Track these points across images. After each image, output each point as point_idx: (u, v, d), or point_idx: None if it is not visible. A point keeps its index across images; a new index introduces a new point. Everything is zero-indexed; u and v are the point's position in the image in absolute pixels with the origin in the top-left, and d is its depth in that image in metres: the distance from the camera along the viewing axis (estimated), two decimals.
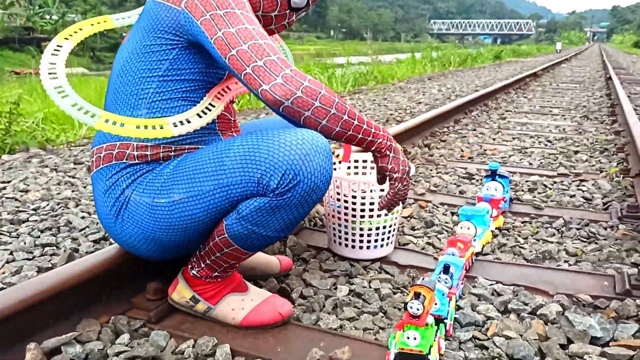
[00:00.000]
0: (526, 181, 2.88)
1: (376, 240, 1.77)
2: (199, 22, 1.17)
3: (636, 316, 1.44)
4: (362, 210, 1.72)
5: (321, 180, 1.19)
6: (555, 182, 2.88)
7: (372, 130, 1.29)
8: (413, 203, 2.46)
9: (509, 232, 2.13)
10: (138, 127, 1.18)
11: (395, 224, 1.80)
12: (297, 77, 1.15)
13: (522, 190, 2.73)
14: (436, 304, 1.34)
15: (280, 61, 1.15)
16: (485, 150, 3.71)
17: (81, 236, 1.93)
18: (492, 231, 2.10)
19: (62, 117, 4.47)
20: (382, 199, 1.41)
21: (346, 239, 1.78)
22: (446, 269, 1.49)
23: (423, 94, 7.21)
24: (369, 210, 1.71)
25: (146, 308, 1.38)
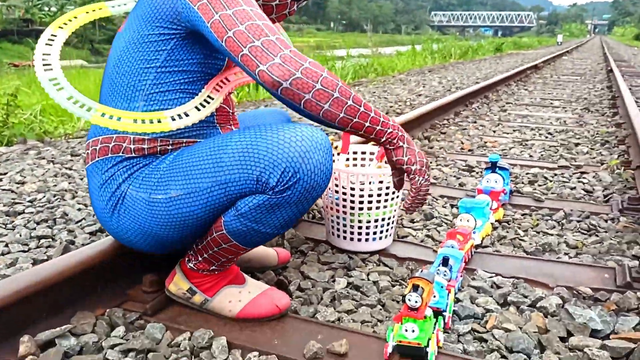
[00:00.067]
0: (526, 173, 2.86)
1: (375, 232, 1.75)
2: (196, 7, 1.13)
3: (637, 309, 1.43)
4: (361, 202, 1.70)
5: (321, 177, 1.17)
6: (555, 175, 2.86)
7: (381, 119, 1.20)
8: None
9: (509, 225, 2.11)
10: (135, 121, 1.15)
11: (394, 216, 1.78)
12: (297, 58, 1.10)
13: (523, 182, 2.72)
14: (435, 297, 1.33)
15: (279, 41, 1.11)
16: (485, 142, 3.69)
17: (77, 228, 1.91)
18: (492, 223, 2.08)
19: (61, 110, 4.44)
20: (406, 200, 1.30)
21: (344, 231, 1.76)
22: (445, 262, 1.48)
23: (423, 86, 7.18)
24: (368, 202, 1.70)
25: (142, 300, 1.37)
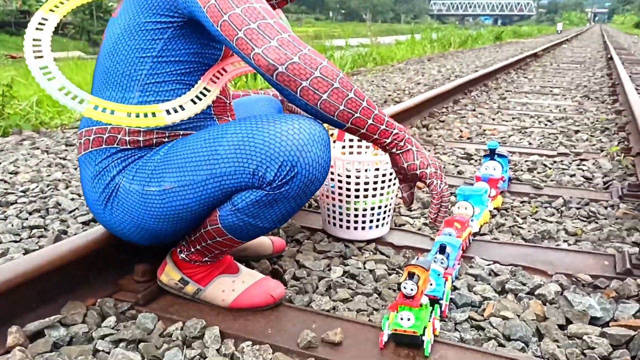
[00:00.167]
0: (525, 161, 2.84)
1: (371, 220, 1.73)
2: None
3: (637, 296, 1.41)
4: (357, 190, 1.67)
5: (319, 171, 1.13)
6: (555, 162, 2.84)
7: (386, 118, 1.13)
8: None
9: (508, 212, 2.09)
10: (129, 115, 1.12)
11: (390, 204, 1.76)
12: (295, 43, 1.05)
13: (522, 170, 2.69)
14: (431, 285, 1.30)
15: (277, 25, 1.06)
16: (484, 130, 3.66)
17: (70, 218, 1.89)
18: (490, 211, 2.06)
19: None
20: (430, 212, 1.22)
21: (341, 220, 1.74)
22: (442, 249, 1.45)
23: (422, 75, 7.13)
24: (364, 190, 1.67)
25: (134, 290, 1.35)
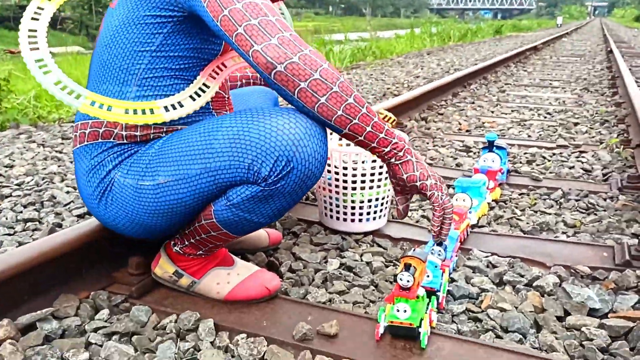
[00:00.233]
0: (524, 153, 2.82)
1: (368, 212, 1.72)
2: None
3: (636, 287, 1.40)
4: (354, 182, 1.66)
5: (316, 166, 1.10)
6: (554, 154, 2.82)
7: (385, 126, 1.11)
8: None
9: (506, 204, 2.07)
10: (126, 112, 1.10)
11: (388, 196, 1.74)
12: (296, 42, 1.03)
13: (520, 162, 2.67)
14: (428, 276, 1.29)
15: (278, 22, 1.04)
16: (483, 123, 3.64)
17: (65, 211, 1.87)
18: (489, 203, 2.05)
19: None
20: (433, 225, 1.20)
21: (338, 212, 1.73)
22: (440, 242, 1.44)
23: (421, 69, 7.10)
24: (361, 182, 1.66)
25: (128, 283, 1.33)
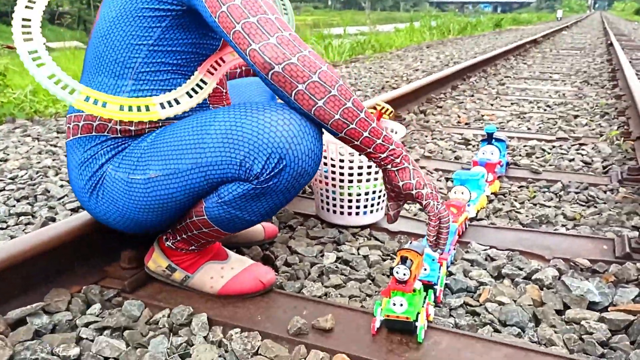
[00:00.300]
0: (524, 146, 2.80)
1: (365, 206, 1.69)
2: None
3: (636, 280, 1.38)
4: (351, 174, 1.64)
5: (309, 164, 1.08)
6: (554, 147, 2.80)
7: (383, 132, 1.09)
8: None
9: (505, 197, 2.05)
10: (121, 108, 1.07)
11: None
12: (296, 43, 1.00)
13: (520, 155, 2.65)
14: (425, 270, 1.27)
15: (278, 21, 1.02)
16: (482, 115, 3.62)
17: (59, 205, 1.85)
18: (488, 196, 2.03)
19: None
20: (429, 235, 1.16)
21: (334, 205, 1.70)
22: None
23: (420, 62, 7.07)
24: (358, 174, 1.63)
25: (120, 277, 1.31)
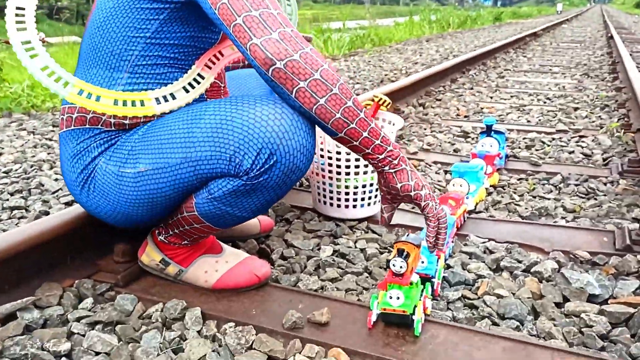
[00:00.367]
0: (523, 138, 2.77)
1: (363, 198, 1.67)
2: None
3: (637, 272, 1.36)
4: (348, 167, 1.62)
5: (301, 160, 1.05)
6: (553, 139, 2.77)
7: (382, 133, 1.07)
8: None
9: (504, 190, 2.03)
10: (115, 103, 1.05)
11: None
12: (298, 39, 0.98)
13: (519, 147, 2.63)
14: (423, 262, 1.25)
15: (280, 17, 0.99)
16: (482, 108, 3.59)
17: (53, 198, 1.83)
18: (487, 188, 2.01)
19: None
20: (428, 237, 1.14)
21: (331, 198, 1.68)
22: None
23: (420, 55, 7.03)
24: (355, 167, 1.61)
25: (113, 271, 1.29)
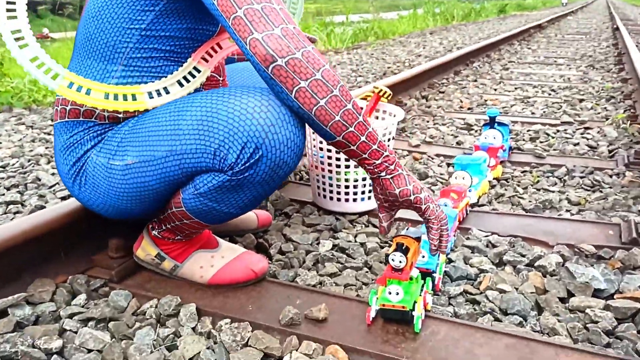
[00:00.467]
0: (528, 130, 2.73)
1: (363, 192, 1.64)
2: None
3: None
4: (347, 159, 1.58)
5: (289, 155, 1.01)
6: (558, 131, 2.73)
7: (379, 138, 1.05)
8: (407, 155, 2.32)
9: (508, 182, 2.00)
10: (106, 97, 1.02)
11: None
12: (300, 37, 0.95)
13: (524, 139, 2.59)
14: (423, 257, 1.22)
15: (282, 12, 0.96)
16: (485, 100, 3.55)
17: (49, 193, 1.81)
18: (490, 181, 1.97)
19: None
20: (432, 240, 1.11)
21: (331, 192, 1.65)
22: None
23: (423, 48, 6.97)
24: None
25: (108, 266, 1.27)
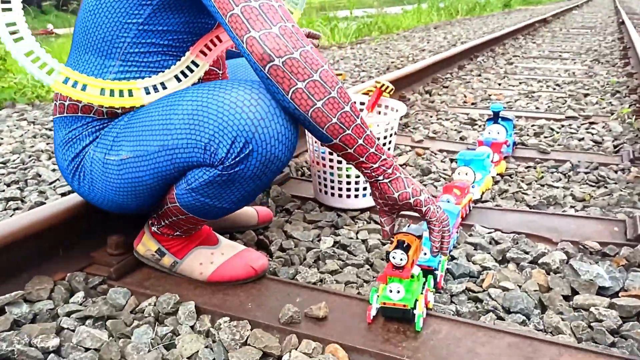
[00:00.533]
0: (532, 125, 2.71)
1: (365, 188, 1.63)
2: None
3: None
4: None
5: (280, 149, 0.99)
6: (563, 126, 2.70)
7: (376, 141, 1.03)
8: (410, 150, 2.30)
9: (512, 178, 1.97)
10: (102, 93, 1.01)
11: None
12: (299, 37, 0.93)
13: (528, 134, 2.56)
14: (425, 254, 1.21)
15: (281, 10, 0.94)
16: (489, 95, 3.52)
17: (49, 189, 1.80)
18: (493, 177, 1.95)
19: None
20: (433, 242, 1.08)
21: (332, 188, 1.64)
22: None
23: (427, 42, 6.93)
24: None
25: (107, 263, 1.26)
